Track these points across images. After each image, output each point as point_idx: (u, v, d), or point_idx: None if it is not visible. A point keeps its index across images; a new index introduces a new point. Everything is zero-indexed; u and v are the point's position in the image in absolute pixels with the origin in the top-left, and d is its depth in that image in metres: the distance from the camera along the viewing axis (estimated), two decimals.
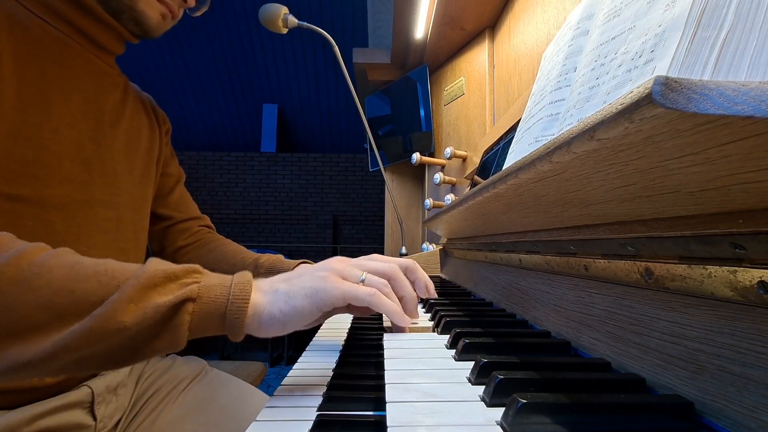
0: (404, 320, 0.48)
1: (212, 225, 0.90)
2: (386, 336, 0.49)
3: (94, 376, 0.61)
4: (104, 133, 0.61)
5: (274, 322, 0.39)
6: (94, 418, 0.59)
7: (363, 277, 0.46)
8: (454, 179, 1.37)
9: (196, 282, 0.38)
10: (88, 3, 0.58)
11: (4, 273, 0.32)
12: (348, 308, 0.47)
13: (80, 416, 0.57)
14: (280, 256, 0.77)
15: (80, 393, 0.57)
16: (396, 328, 0.51)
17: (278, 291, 0.41)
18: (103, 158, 0.61)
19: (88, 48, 0.61)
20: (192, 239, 0.83)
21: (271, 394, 0.41)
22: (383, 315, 0.53)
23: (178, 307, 0.35)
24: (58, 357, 0.33)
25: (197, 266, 0.39)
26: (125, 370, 0.66)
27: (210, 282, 0.38)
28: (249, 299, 0.39)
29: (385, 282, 0.47)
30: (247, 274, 0.41)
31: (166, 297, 0.35)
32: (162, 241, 0.82)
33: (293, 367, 0.48)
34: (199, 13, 0.72)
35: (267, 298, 0.40)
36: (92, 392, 0.58)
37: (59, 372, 0.35)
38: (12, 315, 0.32)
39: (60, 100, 0.55)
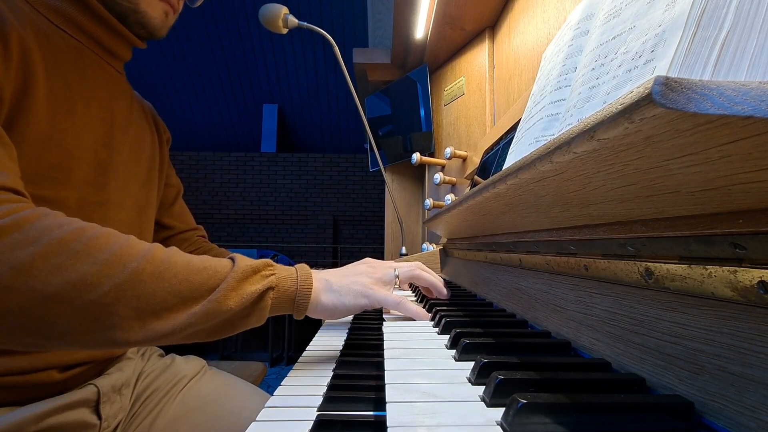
0: (422, 315, 0.60)
1: (206, 234, 0.94)
2: (386, 334, 0.50)
3: (100, 375, 0.61)
4: (116, 138, 0.64)
5: (327, 310, 0.52)
6: (99, 418, 0.59)
7: (396, 273, 0.61)
8: (454, 179, 1.37)
9: (273, 274, 0.48)
10: (99, 10, 0.60)
11: (146, 269, 0.41)
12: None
13: (86, 415, 0.57)
14: None
15: (87, 391, 0.58)
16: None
17: (332, 286, 0.53)
18: (115, 162, 0.63)
19: (101, 55, 0.63)
20: (192, 247, 0.87)
21: (271, 394, 0.41)
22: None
23: (263, 294, 0.47)
24: (182, 330, 0.42)
25: (269, 260, 0.50)
26: (130, 371, 0.67)
27: (282, 274, 0.49)
28: (312, 288, 0.50)
29: (419, 264, 0.64)
30: (306, 268, 0.52)
31: (255, 286, 0.46)
32: None
33: (293, 368, 0.48)
34: (198, 3, 0.73)
35: (322, 286, 0.53)
36: (98, 391, 0.59)
37: (179, 341, 0.44)
38: (152, 299, 0.41)
39: (82, 108, 0.57)
